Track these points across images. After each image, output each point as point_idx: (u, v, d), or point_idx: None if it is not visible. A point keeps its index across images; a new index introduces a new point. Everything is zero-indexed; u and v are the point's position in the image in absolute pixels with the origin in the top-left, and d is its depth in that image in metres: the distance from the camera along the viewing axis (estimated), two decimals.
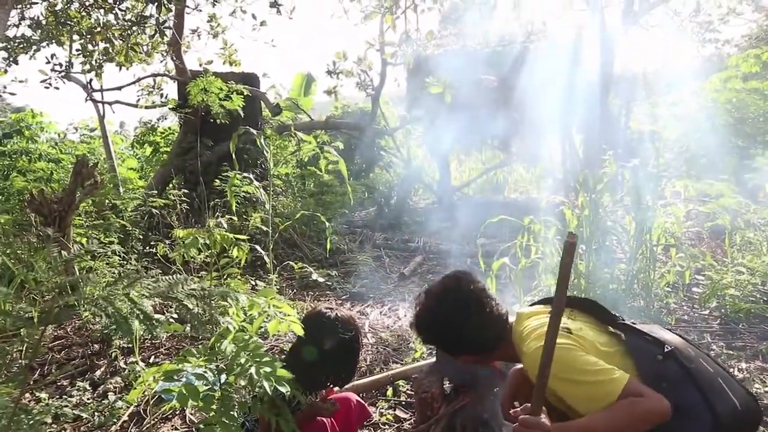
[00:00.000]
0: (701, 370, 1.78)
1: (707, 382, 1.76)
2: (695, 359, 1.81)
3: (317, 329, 2.28)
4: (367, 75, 8.54)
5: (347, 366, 2.39)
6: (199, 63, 8.41)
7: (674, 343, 1.86)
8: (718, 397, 1.73)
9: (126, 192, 7.04)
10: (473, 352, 2.13)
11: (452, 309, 2.08)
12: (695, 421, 1.71)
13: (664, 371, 1.78)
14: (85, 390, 3.41)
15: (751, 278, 4.31)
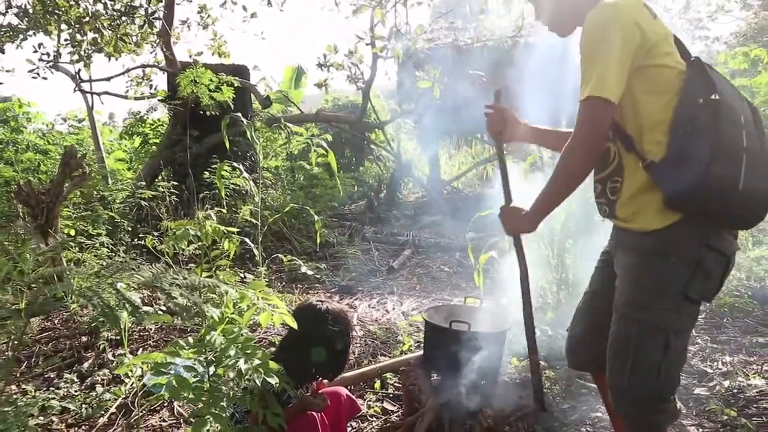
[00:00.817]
0: (731, 136, 1.66)
1: (728, 149, 1.66)
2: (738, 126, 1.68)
3: (308, 322, 2.26)
4: (357, 68, 8.52)
5: (338, 359, 2.36)
6: (189, 54, 8.37)
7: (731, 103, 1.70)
8: (726, 166, 1.65)
9: (114, 183, 6.99)
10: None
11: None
12: (685, 173, 1.68)
13: (696, 115, 1.69)
14: (73, 382, 3.40)
15: (737, 273, 4.36)
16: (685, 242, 1.76)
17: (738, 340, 3.74)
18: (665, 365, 1.80)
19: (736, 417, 2.79)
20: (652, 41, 1.75)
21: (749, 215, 1.75)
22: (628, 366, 1.85)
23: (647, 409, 1.86)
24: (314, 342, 2.26)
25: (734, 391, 3.09)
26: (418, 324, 4.19)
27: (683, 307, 1.79)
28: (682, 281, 1.76)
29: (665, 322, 1.79)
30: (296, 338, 2.26)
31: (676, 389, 1.87)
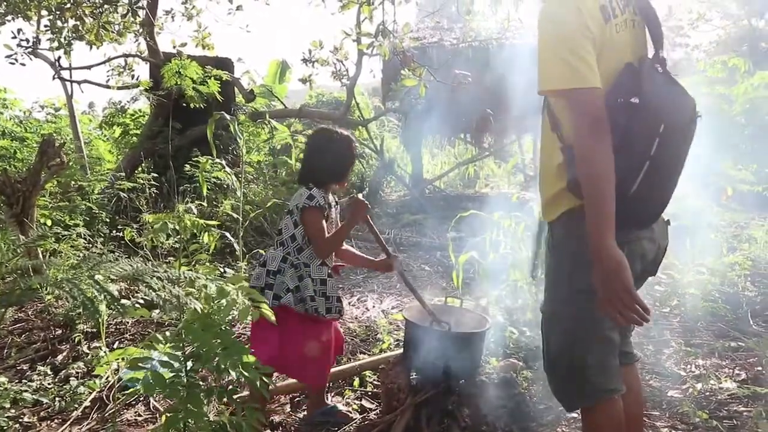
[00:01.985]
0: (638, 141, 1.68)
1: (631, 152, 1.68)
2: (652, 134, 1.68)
3: (320, 137, 2.89)
4: (342, 65, 8.49)
5: (345, 159, 2.80)
6: (173, 45, 8.27)
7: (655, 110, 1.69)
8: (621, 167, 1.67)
9: (93, 174, 6.89)
10: None
11: None
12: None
13: (611, 113, 1.68)
14: (46, 375, 3.35)
15: (711, 278, 4.43)
16: (568, 234, 1.86)
17: (711, 344, 3.80)
18: (568, 353, 1.91)
19: (707, 419, 2.84)
20: (600, 46, 1.73)
21: (635, 218, 1.78)
22: (545, 351, 2.02)
23: (568, 387, 1.99)
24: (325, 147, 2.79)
25: (706, 393, 3.15)
26: (398, 322, 4.19)
27: (575, 297, 1.86)
28: (567, 271, 1.87)
29: (560, 312, 1.94)
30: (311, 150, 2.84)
31: (595, 365, 1.89)
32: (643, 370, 3.51)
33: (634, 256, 1.81)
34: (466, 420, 2.72)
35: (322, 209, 2.67)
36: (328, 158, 2.78)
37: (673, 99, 1.75)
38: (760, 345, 3.51)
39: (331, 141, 2.82)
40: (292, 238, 2.72)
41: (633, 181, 1.69)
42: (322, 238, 2.67)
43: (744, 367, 3.45)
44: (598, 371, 1.90)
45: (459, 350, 2.78)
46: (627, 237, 1.77)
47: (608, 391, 1.91)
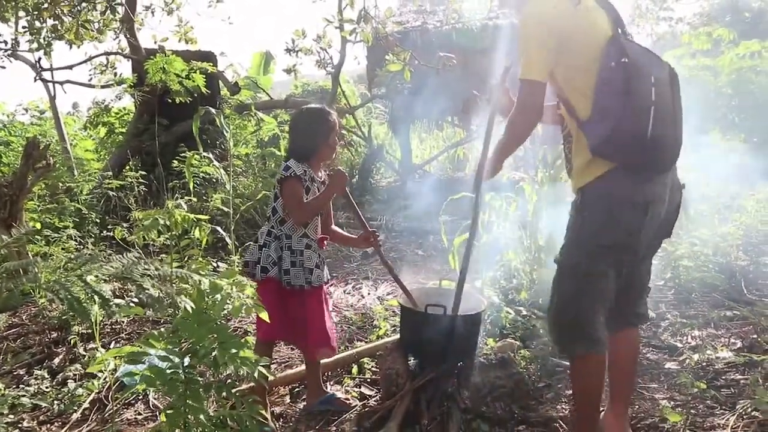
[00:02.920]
0: (640, 93, 2.01)
1: (637, 104, 2.01)
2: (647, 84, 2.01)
3: (294, 115, 3.05)
4: (326, 53, 8.44)
5: (316, 130, 2.81)
6: (154, 41, 8.18)
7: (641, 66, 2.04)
8: (635, 117, 2.01)
9: (81, 174, 6.82)
10: None
11: None
12: (605, 126, 2.05)
13: (611, 77, 2.05)
14: (44, 378, 3.32)
15: (704, 249, 4.45)
16: (598, 198, 2.15)
17: (706, 314, 3.83)
18: (577, 301, 2.21)
19: (705, 389, 2.86)
20: (573, 29, 2.12)
21: (661, 158, 2.10)
22: (554, 300, 2.30)
23: (568, 334, 2.28)
24: (300, 126, 2.87)
25: (703, 364, 3.17)
26: (393, 308, 4.19)
27: (597, 252, 2.16)
28: (592, 230, 2.16)
29: (580, 266, 2.20)
30: (291, 130, 2.95)
31: (595, 321, 2.21)
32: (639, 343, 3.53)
33: (654, 211, 2.12)
34: (465, 402, 2.73)
35: (299, 178, 2.73)
36: (301, 133, 2.86)
37: (651, 58, 2.11)
38: (754, 313, 3.53)
39: (301, 116, 2.94)
40: (273, 210, 2.82)
41: (647, 125, 2.00)
42: (298, 204, 2.72)
43: (739, 335, 3.47)
44: (598, 324, 2.22)
45: (455, 333, 2.78)
46: (649, 195, 2.10)
47: (603, 344, 2.23)
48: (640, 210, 2.09)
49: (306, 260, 2.78)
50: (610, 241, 2.13)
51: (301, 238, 2.79)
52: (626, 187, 2.10)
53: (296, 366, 3.40)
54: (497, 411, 2.73)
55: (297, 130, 2.91)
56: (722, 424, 2.56)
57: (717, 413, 2.67)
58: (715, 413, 2.68)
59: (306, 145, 2.83)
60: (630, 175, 2.09)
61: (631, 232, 2.12)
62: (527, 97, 2.17)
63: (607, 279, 2.19)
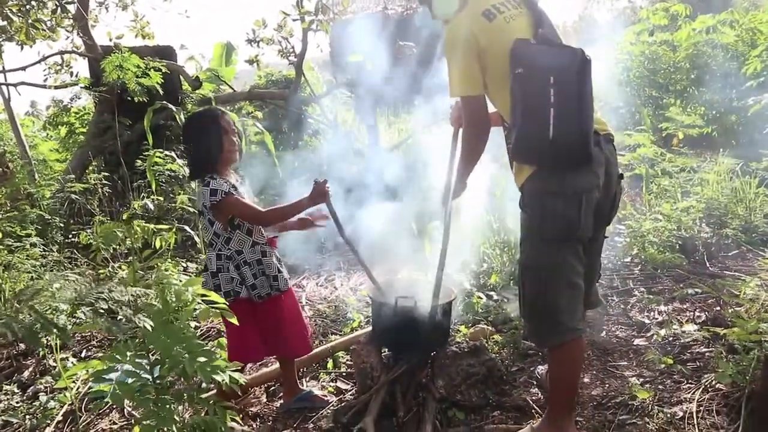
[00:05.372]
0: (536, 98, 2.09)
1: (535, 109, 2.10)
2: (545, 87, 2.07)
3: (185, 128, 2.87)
4: (288, 42, 8.32)
5: (211, 135, 2.69)
6: (109, 37, 7.95)
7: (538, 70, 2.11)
8: (533, 123, 2.11)
9: (42, 178, 6.66)
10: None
11: None
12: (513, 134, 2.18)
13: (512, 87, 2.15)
14: (13, 393, 3.27)
15: (668, 224, 4.54)
16: (532, 194, 2.25)
17: (672, 289, 3.92)
18: (542, 295, 2.27)
19: (672, 364, 2.93)
20: (487, 43, 2.21)
21: (571, 156, 2.14)
22: (521, 299, 2.38)
23: (541, 328, 2.36)
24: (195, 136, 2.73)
25: (670, 339, 3.25)
26: (366, 299, 4.20)
27: (544, 247, 2.25)
28: (535, 226, 2.25)
29: (534, 262, 2.29)
30: (187, 143, 2.83)
31: (565, 309, 2.26)
32: (609, 321, 3.61)
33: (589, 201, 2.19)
34: (440, 391, 2.76)
35: (232, 193, 2.63)
36: (196, 146, 2.73)
37: (553, 56, 2.14)
38: (716, 287, 3.62)
39: (190, 128, 2.82)
40: (216, 235, 2.73)
41: (548, 128, 2.07)
42: (255, 210, 2.68)
43: (703, 309, 3.56)
44: (568, 313, 2.26)
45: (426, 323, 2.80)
46: (580, 185, 2.17)
47: (576, 330, 2.29)
48: (573, 201, 2.16)
49: (266, 268, 2.76)
50: (553, 234, 2.21)
51: (252, 249, 2.74)
52: (553, 183, 2.18)
53: (271, 364, 3.39)
54: (472, 398, 2.78)
55: (191, 144, 2.76)
56: (689, 398, 2.64)
57: (684, 387, 2.75)
58: (681, 388, 2.75)
59: (206, 157, 2.70)
60: (553, 172, 2.18)
61: (570, 223, 2.18)
62: (471, 114, 2.34)
63: (568, 267, 2.24)
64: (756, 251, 4.40)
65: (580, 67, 2.09)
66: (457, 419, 2.69)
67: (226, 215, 2.67)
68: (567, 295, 2.26)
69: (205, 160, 2.69)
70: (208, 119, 2.74)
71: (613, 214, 2.45)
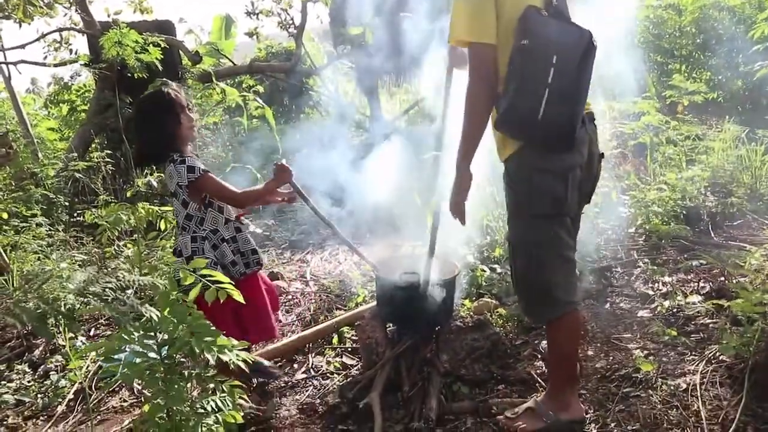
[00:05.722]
0: (534, 75, 2.03)
1: (530, 86, 2.03)
2: (546, 66, 2.01)
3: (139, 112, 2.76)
4: (287, 14, 8.23)
5: (171, 114, 2.60)
6: (107, 13, 7.86)
7: (544, 46, 2.02)
8: (526, 99, 2.04)
9: (46, 158, 6.66)
10: None
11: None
12: (503, 103, 2.10)
13: (513, 57, 2.06)
14: (25, 373, 3.31)
15: (672, 194, 4.52)
16: (518, 170, 2.21)
17: (676, 259, 3.92)
18: (535, 273, 2.26)
19: (676, 336, 2.95)
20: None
21: (554, 137, 2.11)
22: (514, 276, 2.37)
23: (535, 304, 2.37)
24: (154, 116, 2.61)
25: (674, 310, 3.26)
26: (370, 273, 4.22)
27: (533, 223, 2.21)
28: (524, 202, 2.21)
29: (524, 238, 2.27)
30: (146, 125, 2.64)
31: (559, 283, 2.25)
32: (613, 293, 3.62)
33: (574, 179, 2.18)
34: (445, 366, 2.79)
35: (207, 171, 2.58)
36: (157, 123, 2.61)
37: (561, 34, 2.05)
38: (721, 257, 3.62)
39: (146, 105, 2.71)
40: (188, 217, 2.63)
41: (538, 108, 2.02)
42: (232, 192, 2.60)
43: (707, 279, 3.57)
44: (563, 287, 2.26)
45: (430, 298, 2.81)
46: (565, 163, 2.15)
47: (571, 303, 2.29)
48: (559, 178, 2.15)
49: (242, 244, 2.72)
50: (541, 211, 2.19)
51: (226, 226, 2.69)
52: (539, 159, 2.15)
53: (277, 340, 3.43)
54: (476, 372, 2.81)
55: (149, 125, 2.64)
56: (692, 370, 2.66)
57: (687, 359, 2.77)
58: (685, 360, 2.77)
59: (167, 137, 2.60)
60: (540, 150, 2.15)
61: (557, 199, 2.17)
62: (481, 64, 2.11)
63: (559, 241, 2.23)
64: (761, 220, 4.39)
65: (584, 51, 2.03)
66: (462, 393, 2.73)
67: (201, 194, 2.61)
68: (561, 269, 2.26)
69: (167, 139, 2.60)
70: (164, 98, 2.63)
71: (592, 193, 2.44)
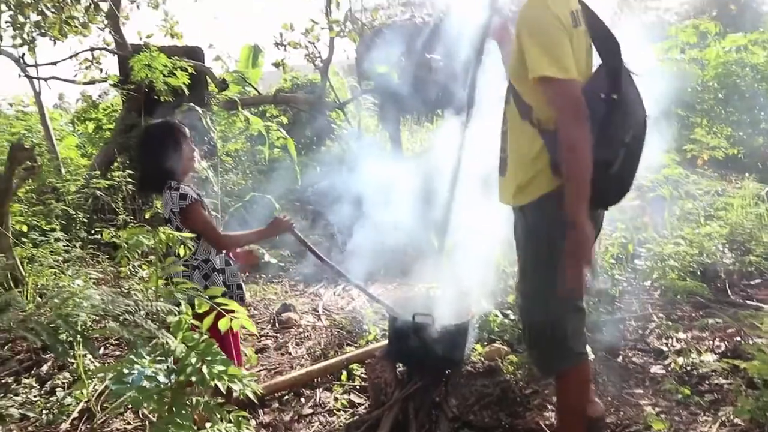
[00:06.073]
0: (617, 131, 2.01)
1: (611, 140, 2.00)
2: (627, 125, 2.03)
3: (147, 137, 2.78)
4: (314, 47, 8.39)
5: (177, 144, 2.67)
6: (139, 36, 8.07)
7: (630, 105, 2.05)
8: (605, 152, 1.99)
9: (68, 173, 6.76)
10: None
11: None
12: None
13: (593, 106, 1.97)
14: (32, 387, 3.31)
15: (690, 249, 4.48)
16: (544, 218, 2.13)
17: (691, 316, 3.87)
18: (551, 323, 2.19)
19: (689, 395, 2.90)
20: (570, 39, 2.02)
21: (613, 194, 2.14)
22: (527, 330, 2.32)
23: (547, 355, 2.30)
24: (163, 142, 2.65)
25: (688, 368, 3.21)
26: (383, 312, 4.20)
27: (552, 273, 2.09)
28: (545, 252, 2.13)
29: (542, 289, 2.18)
30: (152, 151, 2.68)
31: (571, 335, 2.21)
32: (626, 347, 3.58)
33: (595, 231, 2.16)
34: (453, 411, 2.76)
35: (199, 201, 2.62)
36: (161, 152, 2.66)
37: (636, 99, 2.10)
38: (737, 317, 3.57)
39: (153, 133, 2.75)
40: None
41: (614, 163, 2.01)
42: (215, 231, 2.61)
43: (723, 339, 3.51)
44: (574, 338, 2.23)
45: (443, 342, 2.80)
46: (592, 214, 2.07)
47: (582, 354, 2.28)
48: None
49: (230, 277, 2.70)
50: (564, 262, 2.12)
51: (218, 256, 2.68)
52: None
53: (286, 372, 3.41)
54: (485, 419, 2.77)
55: (154, 152, 2.69)
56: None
57: (700, 420, 2.71)
58: (698, 420, 2.72)
59: (168, 166, 2.65)
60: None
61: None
62: (574, 102, 1.95)
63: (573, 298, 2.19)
64: None
65: (645, 124, 2.11)
66: None
67: (191, 222, 2.62)
68: (573, 319, 2.24)
69: (168, 168, 2.65)
70: (170, 128, 2.72)
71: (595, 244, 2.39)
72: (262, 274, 5.42)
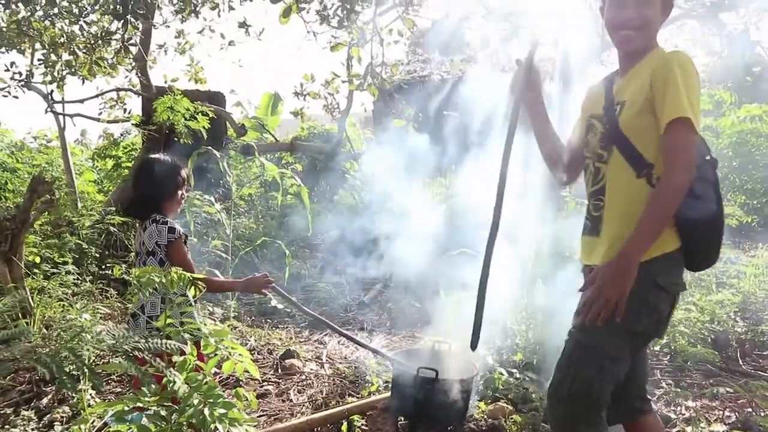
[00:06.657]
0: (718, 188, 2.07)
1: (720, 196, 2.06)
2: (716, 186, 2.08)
3: (143, 166, 2.99)
4: (333, 98, 8.59)
5: (173, 178, 2.81)
6: (164, 79, 8.32)
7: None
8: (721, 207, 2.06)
9: (84, 208, 6.87)
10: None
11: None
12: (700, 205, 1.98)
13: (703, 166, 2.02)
14: (30, 420, 3.28)
15: (701, 316, 4.43)
16: (645, 280, 1.94)
17: (701, 384, 3.80)
18: (597, 383, 2.02)
19: None
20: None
21: (715, 253, 2.11)
22: (568, 380, 2.06)
23: (580, 416, 2.07)
24: (164, 176, 2.78)
25: None
26: (387, 363, 4.16)
27: (626, 337, 2.01)
28: (631, 314, 1.95)
29: (604, 348, 2.01)
30: (153, 175, 2.79)
31: (605, 406, 2.07)
32: None
33: (674, 306, 2.10)
34: None
35: (183, 237, 2.70)
36: (158, 185, 2.78)
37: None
38: (749, 386, 3.50)
39: (156, 166, 2.84)
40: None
41: (723, 220, 2.09)
42: (192, 269, 2.65)
43: (734, 409, 3.44)
44: (605, 405, 2.07)
45: (446, 397, 2.76)
46: (678, 288, 2.07)
47: (607, 427, 2.12)
48: (669, 299, 2.04)
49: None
50: (642, 328, 2.01)
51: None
52: (675, 274, 2.04)
53: (286, 419, 3.37)
54: None
55: (152, 183, 2.79)
56: None
57: None
58: None
59: (160, 200, 2.76)
60: (683, 260, 2.05)
61: (661, 321, 2.06)
62: (693, 155, 1.94)
63: (625, 362, 2.07)
64: None
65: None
66: None
67: (176, 256, 2.69)
68: (611, 389, 2.07)
69: (159, 202, 2.76)
70: (173, 167, 2.84)
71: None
72: (268, 318, 5.41)
